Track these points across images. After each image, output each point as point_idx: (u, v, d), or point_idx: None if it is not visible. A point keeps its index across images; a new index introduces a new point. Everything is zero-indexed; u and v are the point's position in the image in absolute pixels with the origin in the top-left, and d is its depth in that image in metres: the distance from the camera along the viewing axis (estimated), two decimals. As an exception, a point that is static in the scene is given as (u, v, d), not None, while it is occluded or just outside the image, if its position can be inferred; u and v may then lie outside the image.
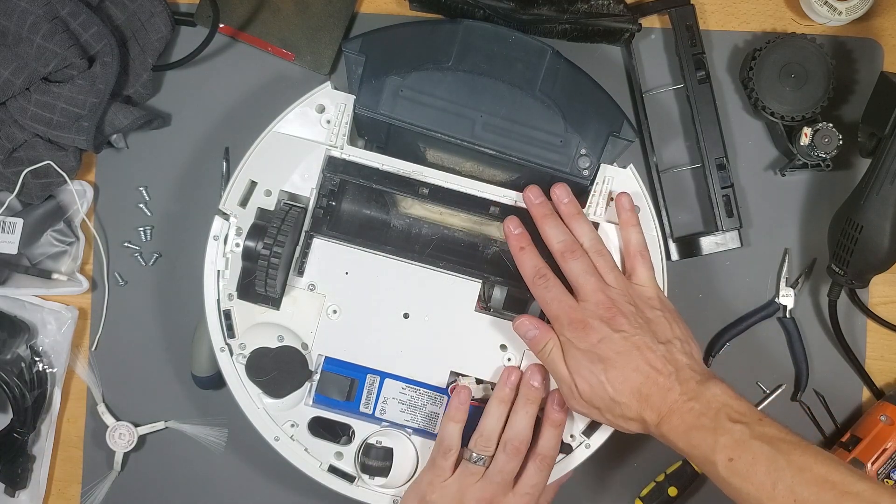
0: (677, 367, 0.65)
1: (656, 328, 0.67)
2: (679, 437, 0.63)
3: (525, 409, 0.70)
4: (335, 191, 0.75)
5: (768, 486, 0.58)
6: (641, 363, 0.65)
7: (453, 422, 0.71)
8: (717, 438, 0.61)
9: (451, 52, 0.73)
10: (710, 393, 0.63)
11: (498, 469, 0.69)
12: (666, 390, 0.64)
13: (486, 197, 0.74)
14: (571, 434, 0.73)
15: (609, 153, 0.73)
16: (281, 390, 0.72)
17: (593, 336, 0.65)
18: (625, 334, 0.65)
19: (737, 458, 0.60)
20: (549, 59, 0.73)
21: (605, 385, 0.65)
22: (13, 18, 0.77)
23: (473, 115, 0.73)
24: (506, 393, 0.71)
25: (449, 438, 0.70)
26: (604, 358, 0.65)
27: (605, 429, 0.73)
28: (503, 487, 0.69)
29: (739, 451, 0.60)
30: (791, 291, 0.83)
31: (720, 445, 0.61)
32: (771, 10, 0.84)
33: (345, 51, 0.73)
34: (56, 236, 0.83)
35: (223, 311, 0.73)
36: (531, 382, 0.71)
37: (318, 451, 0.73)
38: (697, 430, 0.62)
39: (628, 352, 0.65)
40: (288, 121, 0.73)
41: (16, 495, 0.84)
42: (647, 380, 0.64)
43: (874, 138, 0.76)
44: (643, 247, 0.71)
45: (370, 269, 0.73)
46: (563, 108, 0.73)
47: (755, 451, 0.60)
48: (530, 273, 0.69)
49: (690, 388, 0.64)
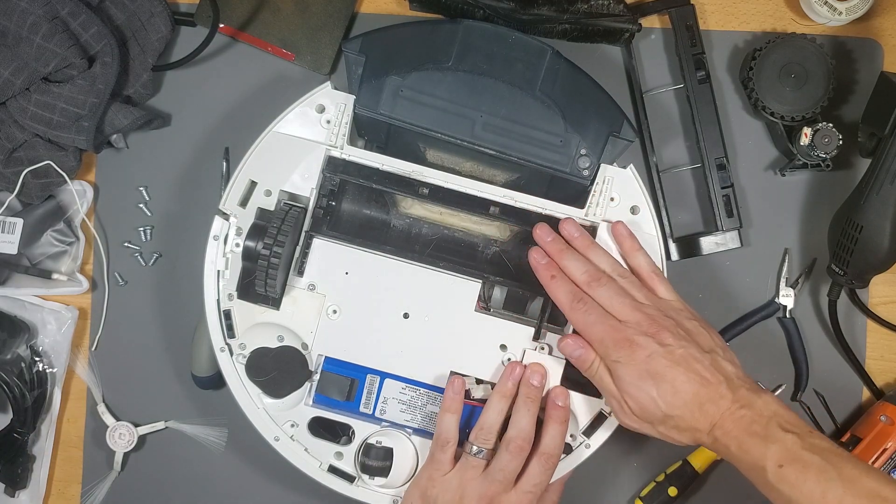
0: (725, 375, 0.65)
1: (698, 339, 0.67)
2: (731, 442, 0.63)
3: (527, 407, 0.70)
4: (335, 191, 0.75)
5: (818, 496, 0.59)
6: (691, 374, 0.65)
7: (449, 413, 0.70)
8: (769, 446, 0.61)
9: (451, 52, 0.73)
10: (762, 401, 0.64)
11: (500, 467, 0.68)
12: (718, 398, 0.64)
13: (486, 197, 0.74)
14: (571, 434, 0.73)
15: (609, 153, 0.73)
16: (281, 390, 0.72)
17: (641, 353, 0.65)
18: (671, 347, 0.65)
19: (787, 465, 0.60)
20: (549, 59, 0.73)
21: (657, 401, 0.65)
22: (13, 18, 0.77)
23: (473, 115, 0.73)
24: (508, 388, 0.71)
25: (446, 431, 0.70)
26: (653, 373, 0.65)
27: (606, 428, 0.73)
28: (504, 486, 0.69)
29: (790, 460, 0.60)
30: (791, 291, 0.83)
31: (771, 453, 0.61)
32: (771, 10, 0.84)
33: (345, 51, 0.73)
34: (56, 236, 0.83)
35: (223, 311, 0.73)
36: (531, 381, 0.71)
37: (318, 451, 0.73)
38: (749, 437, 0.62)
39: (677, 364, 0.65)
40: (288, 121, 0.73)
41: (16, 495, 0.84)
42: (699, 390, 0.65)
43: (874, 138, 0.76)
44: (654, 267, 0.72)
45: (370, 269, 0.73)
46: (563, 108, 0.73)
47: (805, 461, 0.60)
48: (567, 300, 0.69)
49: (742, 396, 0.64)
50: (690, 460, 0.82)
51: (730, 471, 0.83)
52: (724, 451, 0.64)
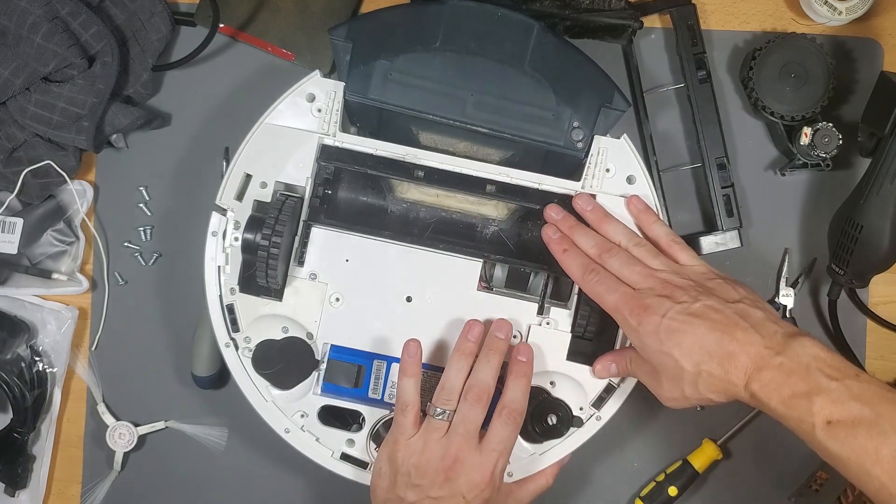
0: (753, 320, 0.62)
1: (720, 292, 0.64)
2: (772, 397, 0.58)
3: (487, 358, 0.68)
4: (331, 179, 0.75)
5: (871, 452, 0.55)
6: (712, 324, 0.62)
7: (406, 376, 0.69)
8: (813, 400, 0.57)
9: (438, 32, 0.72)
10: (798, 344, 0.59)
11: (461, 419, 0.66)
12: (747, 344, 0.60)
13: (482, 175, 0.73)
14: (581, 406, 0.73)
15: (602, 124, 0.73)
16: (289, 381, 0.72)
17: (655, 315, 0.63)
18: (686, 304, 0.63)
19: (836, 420, 0.56)
20: (537, 33, 0.72)
21: (682, 360, 0.62)
22: (13, 18, 0.77)
23: (464, 95, 0.73)
24: (469, 346, 0.69)
25: (405, 394, 0.68)
26: (672, 330, 0.62)
27: (616, 400, 0.73)
28: (468, 441, 0.66)
29: (838, 414, 0.56)
30: (791, 291, 0.83)
31: (817, 408, 0.56)
32: (771, 10, 0.84)
33: (332, 38, 0.72)
34: (56, 236, 0.83)
35: (226, 306, 0.73)
36: (496, 334, 0.69)
37: (330, 439, 0.73)
38: (790, 390, 0.58)
39: (695, 317, 0.62)
40: (279, 112, 0.73)
41: (16, 495, 0.84)
42: (723, 336, 0.61)
43: (874, 138, 0.76)
44: (674, 235, 0.71)
45: (370, 256, 0.73)
46: (554, 82, 0.73)
47: (855, 414, 0.56)
48: (579, 271, 0.68)
49: (776, 342, 0.60)
50: (690, 460, 0.81)
51: (730, 471, 0.83)
52: (766, 407, 0.60)
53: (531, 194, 0.74)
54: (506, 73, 0.72)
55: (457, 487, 0.66)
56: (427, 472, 0.66)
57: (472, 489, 0.66)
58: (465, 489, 0.65)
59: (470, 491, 0.66)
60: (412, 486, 0.66)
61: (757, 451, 0.83)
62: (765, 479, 0.83)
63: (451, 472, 0.65)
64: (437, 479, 0.66)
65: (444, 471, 0.65)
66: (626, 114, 0.74)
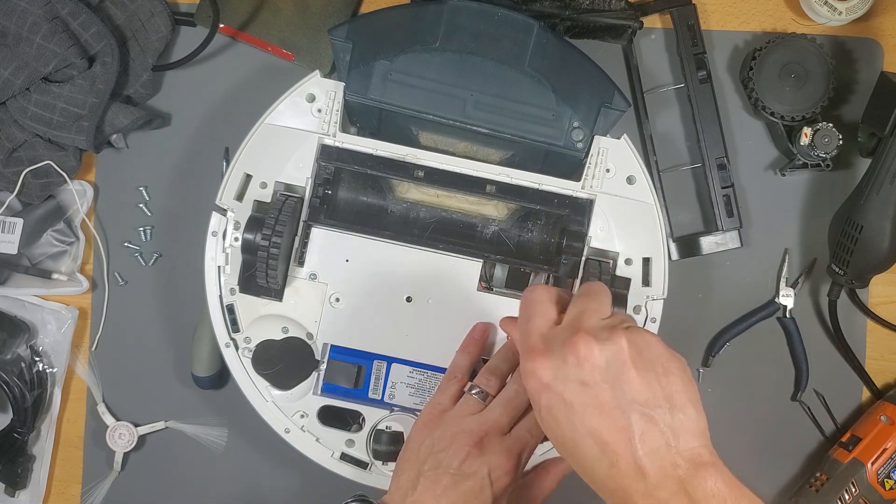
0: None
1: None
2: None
3: None
4: (331, 179, 0.75)
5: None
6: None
7: (462, 353, 0.71)
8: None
9: (438, 32, 0.72)
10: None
11: (501, 400, 0.64)
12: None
13: (482, 176, 0.73)
14: None
15: (602, 124, 0.73)
16: (289, 381, 0.72)
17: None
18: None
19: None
20: (537, 33, 0.72)
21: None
22: (13, 18, 0.77)
23: (464, 95, 0.73)
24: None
25: (455, 367, 0.70)
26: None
27: None
28: (501, 421, 0.64)
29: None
30: (791, 291, 0.83)
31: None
32: (771, 10, 0.84)
33: (332, 38, 0.72)
34: (56, 236, 0.83)
35: (226, 306, 0.73)
36: None
37: (330, 439, 0.74)
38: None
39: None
40: (279, 112, 0.73)
41: (16, 495, 0.84)
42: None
43: (874, 138, 0.76)
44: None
45: (370, 256, 0.73)
46: (554, 82, 0.73)
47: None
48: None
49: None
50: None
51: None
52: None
53: (531, 194, 0.74)
54: (506, 73, 0.72)
55: (482, 464, 0.63)
56: (453, 445, 0.63)
57: (496, 469, 0.63)
58: (489, 467, 0.63)
59: (494, 470, 0.63)
60: (436, 456, 0.63)
61: (757, 451, 0.83)
62: (765, 480, 0.83)
63: (478, 449, 0.63)
64: (460, 452, 0.63)
65: (473, 445, 0.63)
66: (626, 114, 0.74)
